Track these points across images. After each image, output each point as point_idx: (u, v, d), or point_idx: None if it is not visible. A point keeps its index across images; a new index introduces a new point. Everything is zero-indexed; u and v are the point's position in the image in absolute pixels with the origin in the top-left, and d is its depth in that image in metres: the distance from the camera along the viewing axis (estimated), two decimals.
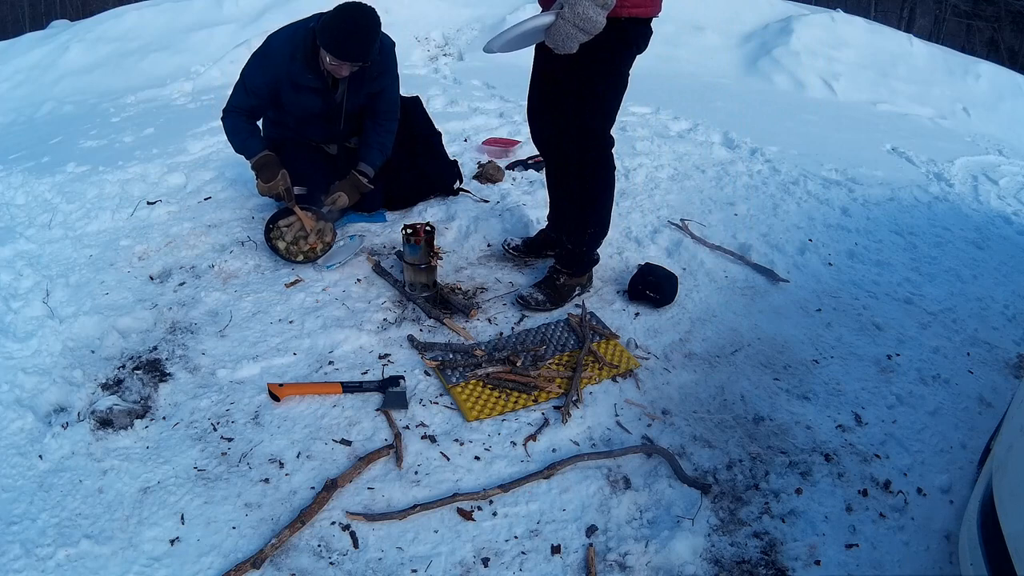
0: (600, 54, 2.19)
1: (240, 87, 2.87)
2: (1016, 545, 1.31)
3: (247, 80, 2.85)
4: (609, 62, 2.25)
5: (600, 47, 2.14)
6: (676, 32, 7.52)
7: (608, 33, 2.10)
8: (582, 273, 2.66)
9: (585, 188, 2.48)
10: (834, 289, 2.90)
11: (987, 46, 16.05)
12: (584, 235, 2.55)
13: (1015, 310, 2.89)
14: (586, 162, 2.43)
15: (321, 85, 2.84)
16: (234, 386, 2.24)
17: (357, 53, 2.67)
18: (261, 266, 2.86)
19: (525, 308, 2.61)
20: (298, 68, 2.78)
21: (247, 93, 2.86)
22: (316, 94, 2.88)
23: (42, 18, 16.11)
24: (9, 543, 1.70)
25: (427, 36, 7.37)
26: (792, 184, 3.84)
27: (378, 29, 2.70)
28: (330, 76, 2.82)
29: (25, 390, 2.15)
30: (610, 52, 2.22)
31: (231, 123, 2.91)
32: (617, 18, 2.12)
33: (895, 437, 2.14)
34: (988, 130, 6.46)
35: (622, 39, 2.21)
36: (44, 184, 3.45)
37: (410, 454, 1.99)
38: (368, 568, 1.68)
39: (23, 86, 6.50)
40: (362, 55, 2.68)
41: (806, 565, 1.73)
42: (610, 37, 2.13)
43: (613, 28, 2.12)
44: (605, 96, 2.33)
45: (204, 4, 7.32)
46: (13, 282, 2.64)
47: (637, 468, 1.98)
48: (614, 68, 2.29)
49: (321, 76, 2.81)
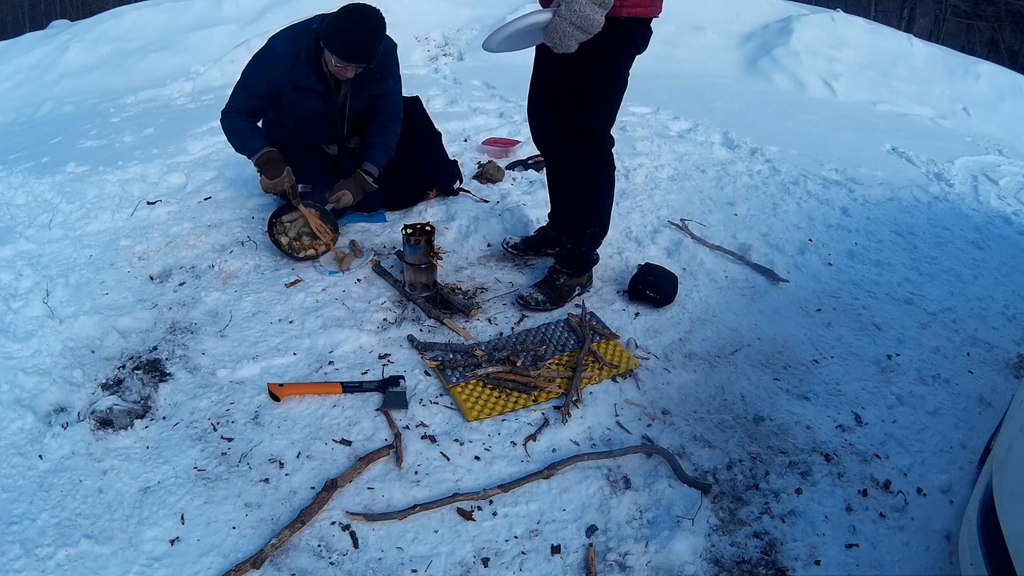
0: (600, 54, 2.19)
1: (240, 88, 2.87)
2: (1016, 545, 1.31)
3: (248, 82, 2.84)
4: (609, 62, 2.26)
5: (600, 47, 2.14)
6: (676, 32, 7.53)
7: (608, 33, 2.11)
8: (582, 273, 2.67)
9: (585, 188, 2.48)
10: (834, 289, 2.90)
11: (987, 46, 16.05)
12: (584, 235, 2.56)
13: (1015, 310, 2.89)
14: (586, 162, 2.43)
15: (323, 87, 2.84)
16: (234, 386, 2.24)
17: (363, 55, 2.67)
18: (261, 266, 2.86)
19: (525, 308, 2.61)
20: (300, 71, 2.77)
21: (248, 94, 2.85)
22: (318, 96, 2.87)
23: (42, 18, 16.11)
24: (9, 543, 1.70)
25: (427, 36, 7.37)
26: (792, 184, 3.84)
27: (383, 31, 2.70)
28: (332, 78, 2.82)
29: (25, 390, 2.15)
30: (610, 52, 2.22)
31: (231, 123, 2.90)
32: (616, 18, 2.13)
33: (895, 437, 2.14)
34: (988, 130, 6.46)
35: (621, 39, 2.22)
36: (44, 184, 3.45)
37: (410, 454, 1.99)
38: (368, 568, 1.68)
39: (23, 86, 6.51)
40: (368, 57, 2.68)
41: (806, 565, 1.73)
42: (610, 37, 2.13)
43: (613, 28, 2.12)
44: (605, 96, 2.33)
45: (204, 4, 7.32)
46: (13, 282, 2.64)
47: (637, 468, 1.98)
48: (614, 68, 2.29)
49: (324, 78, 2.81)
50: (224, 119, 2.92)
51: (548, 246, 2.87)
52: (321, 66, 2.77)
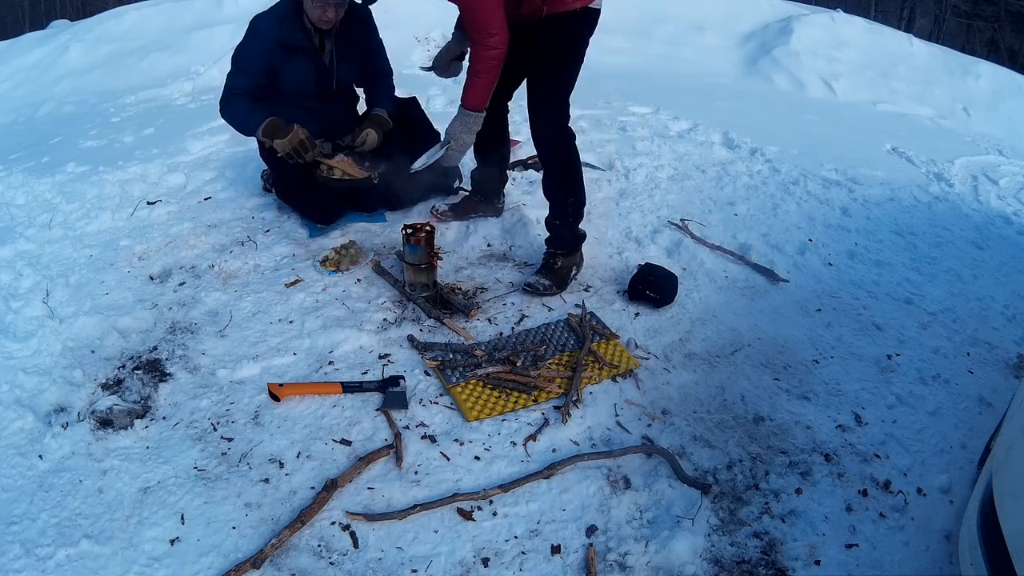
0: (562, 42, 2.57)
1: (234, 72, 2.91)
2: (1016, 545, 1.31)
3: (239, 62, 2.90)
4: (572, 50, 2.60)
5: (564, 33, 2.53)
6: (676, 32, 7.52)
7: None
8: (574, 251, 2.76)
9: (555, 162, 2.68)
10: (834, 289, 2.90)
11: (987, 46, 16.03)
12: (566, 207, 2.70)
13: (1015, 310, 2.89)
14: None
15: (309, 44, 2.91)
16: (234, 386, 2.24)
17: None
18: (261, 266, 2.86)
19: (534, 294, 2.68)
20: (286, 29, 2.86)
21: (242, 74, 2.90)
22: (306, 56, 2.93)
23: (42, 18, 16.09)
24: (9, 543, 1.70)
25: (427, 36, 7.35)
26: (792, 184, 3.84)
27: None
28: (318, 36, 2.90)
29: (25, 390, 2.15)
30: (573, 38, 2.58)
31: (231, 107, 2.93)
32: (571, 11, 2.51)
33: (895, 437, 2.14)
34: (988, 130, 6.45)
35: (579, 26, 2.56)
36: (44, 184, 3.45)
37: (410, 454, 1.99)
38: (368, 568, 1.69)
39: (23, 86, 6.49)
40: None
41: (806, 565, 1.73)
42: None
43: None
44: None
45: (204, 4, 7.31)
46: (13, 282, 2.65)
47: (637, 468, 1.98)
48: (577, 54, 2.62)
49: (309, 36, 2.90)
50: (224, 107, 2.94)
51: (473, 210, 3.16)
52: (305, 23, 2.87)
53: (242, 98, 2.91)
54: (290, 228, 3.14)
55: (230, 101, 2.92)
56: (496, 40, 2.43)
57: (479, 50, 2.47)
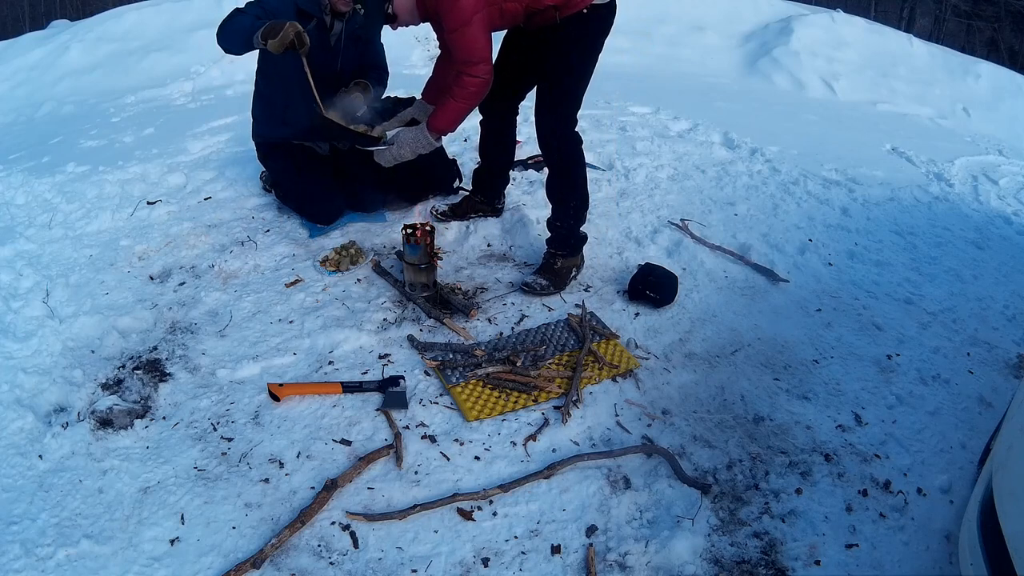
0: (563, 47, 2.51)
1: (255, 4, 2.81)
2: (1016, 545, 1.31)
3: (264, 2, 2.81)
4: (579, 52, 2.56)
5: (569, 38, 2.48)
6: (676, 32, 7.52)
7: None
8: (576, 253, 2.76)
9: (561, 163, 2.66)
10: (834, 289, 2.90)
11: (987, 46, 16.03)
12: (568, 208, 2.69)
13: (1015, 310, 2.89)
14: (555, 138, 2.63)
15: (323, 19, 2.92)
16: (234, 386, 2.24)
17: None
18: (261, 266, 2.86)
19: (531, 294, 2.67)
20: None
21: (263, 7, 2.79)
22: (318, 30, 2.91)
23: (42, 18, 16.09)
24: (9, 543, 1.70)
25: (427, 36, 7.34)
26: (792, 184, 3.84)
27: None
28: (330, 17, 2.92)
29: (25, 390, 2.15)
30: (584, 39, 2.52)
31: (234, 23, 2.76)
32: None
33: (895, 437, 2.14)
34: (988, 130, 6.45)
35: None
36: (44, 184, 3.45)
37: (410, 454, 1.99)
38: (368, 568, 1.69)
39: (23, 86, 6.49)
40: None
41: (806, 565, 1.73)
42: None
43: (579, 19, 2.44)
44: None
45: (204, 4, 7.30)
46: (13, 282, 2.64)
47: (637, 468, 1.98)
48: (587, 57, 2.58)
49: (324, 11, 2.91)
50: (224, 25, 2.78)
51: (473, 210, 3.15)
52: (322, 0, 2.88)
53: (248, 17, 2.77)
54: (290, 228, 3.14)
55: (234, 19, 2.78)
56: (481, 69, 2.42)
57: (463, 78, 2.45)
